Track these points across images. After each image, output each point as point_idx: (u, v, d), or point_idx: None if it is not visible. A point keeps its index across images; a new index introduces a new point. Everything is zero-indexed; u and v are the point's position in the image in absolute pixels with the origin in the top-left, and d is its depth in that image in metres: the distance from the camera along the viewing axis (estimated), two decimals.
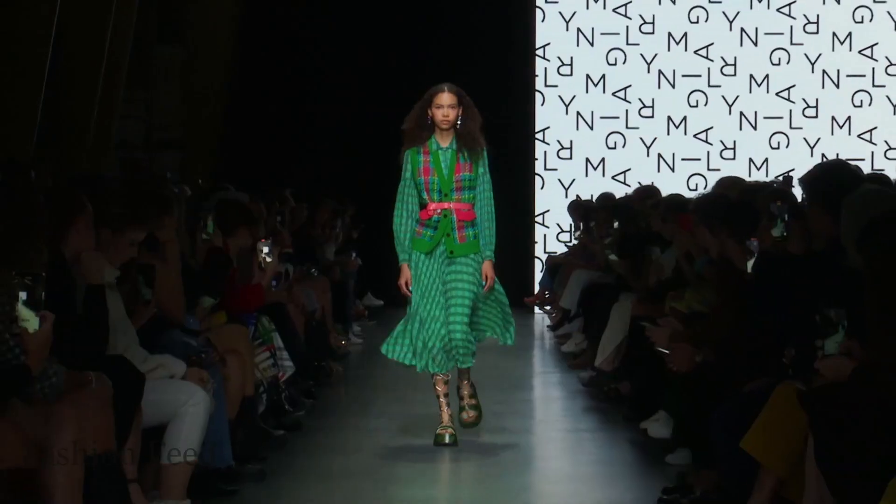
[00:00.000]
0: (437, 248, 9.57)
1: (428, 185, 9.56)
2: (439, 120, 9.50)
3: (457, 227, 9.56)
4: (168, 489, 7.24)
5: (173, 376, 7.58)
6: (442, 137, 9.57)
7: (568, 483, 9.24)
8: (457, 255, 9.55)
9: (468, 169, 9.57)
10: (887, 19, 19.39)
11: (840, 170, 7.23)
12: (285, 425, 10.19)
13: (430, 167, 9.57)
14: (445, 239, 9.56)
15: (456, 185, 9.57)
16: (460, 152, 9.57)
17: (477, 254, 9.60)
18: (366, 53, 18.84)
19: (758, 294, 7.73)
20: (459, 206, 9.58)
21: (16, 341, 5.74)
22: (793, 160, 18.90)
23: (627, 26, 19.47)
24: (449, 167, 9.56)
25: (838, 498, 5.84)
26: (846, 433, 5.66)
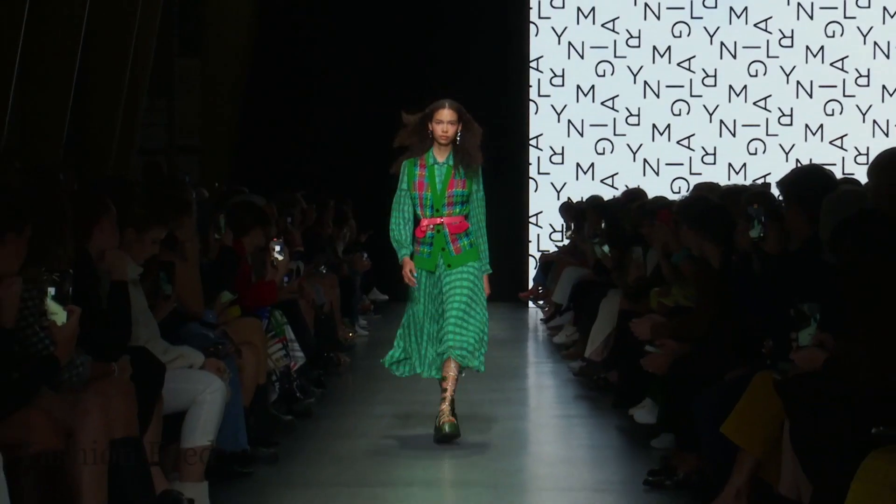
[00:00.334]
0: (436, 265, 9.33)
1: (422, 200, 9.32)
2: (439, 135, 9.22)
3: (450, 241, 9.31)
4: (187, 471, 7.23)
5: (192, 366, 7.58)
6: (439, 152, 9.31)
7: (560, 466, 9.23)
8: (454, 266, 9.30)
9: (461, 185, 9.31)
10: (857, 34, 19.37)
11: (816, 173, 7.23)
12: (296, 412, 10.18)
13: (424, 182, 9.31)
14: (442, 253, 9.32)
15: (448, 200, 9.31)
16: (456, 168, 9.29)
17: (474, 263, 9.37)
18: (371, 66, 18.82)
19: (737, 291, 7.73)
20: (451, 220, 9.32)
21: (45, 333, 5.75)
22: (769, 165, 18.95)
23: (615, 40, 19.45)
24: (443, 182, 9.29)
25: (812, 479, 5.83)
26: (819, 419, 5.65)
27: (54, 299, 5.74)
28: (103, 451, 5.79)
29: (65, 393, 5.85)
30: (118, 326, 6.87)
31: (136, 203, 7.55)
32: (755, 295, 7.37)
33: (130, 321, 7.08)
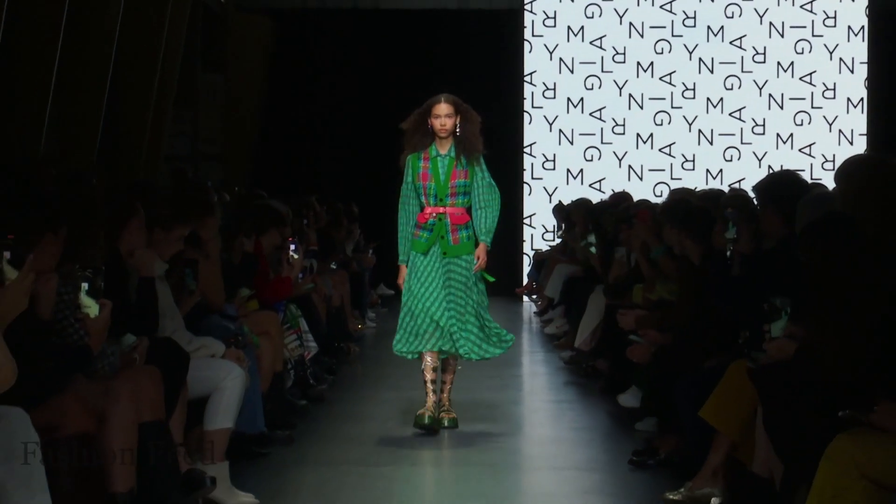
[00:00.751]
0: (431, 248, 9.03)
1: (426, 189, 9.02)
2: (437, 129, 8.95)
3: (450, 230, 9.02)
4: (209, 452, 7.22)
5: (214, 355, 7.57)
6: (441, 145, 9.02)
7: (552, 446, 9.22)
8: (450, 255, 9.02)
9: (463, 176, 9.02)
10: (824, 51, 19.38)
11: (791, 178, 7.23)
12: (310, 397, 10.18)
13: (428, 173, 9.02)
14: (440, 241, 9.02)
15: (451, 190, 9.02)
16: (458, 159, 9.01)
17: (470, 254, 9.06)
18: (377, 80, 18.82)
19: (714, 286, 7.73)
20: (453, 210, 9.04)
21: (79, 325, 5.74)
22: (743, 171, 18.97)
23: (602, 56, 19.45)
24: (446, 173, 9.01)
25: (783, 459, 5.82)
26: (790, 404, 5.64)
27: (88, 294, 5.74)
28: (132, 434, 5.78)
29: (97, 380, 5.84)
30: (146, 319, 6.86)
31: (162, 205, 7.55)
32: (731, 290, 7.37)
33: (157, 314, 7.07)
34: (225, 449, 7.28)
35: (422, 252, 9.02)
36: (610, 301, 10.85)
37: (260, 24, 18.16)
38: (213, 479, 6.99)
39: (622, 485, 7.79)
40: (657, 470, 7.90)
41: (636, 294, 10.03)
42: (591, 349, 11.70)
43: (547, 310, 15.65)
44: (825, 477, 4.88)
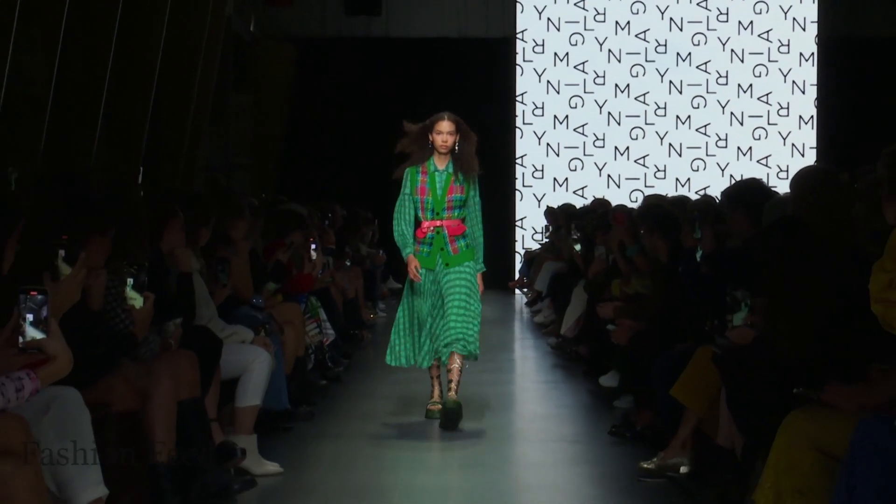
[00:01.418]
0: (435, 263, 8.47)
1: (423, 203, 8.44)
2: (439, 144, 8.40)
3: (449, 241, 8.45)
4: (240, 426, 7.22)
5: (244, 341, 7.57)
6: (440, 160, 8.46)
7: (540, 421, 9.21)
8: (452, 265, 8.44)
9: (460, 191, 8.45)
10: (779, 74, 19.39)
11: (757, 185, 7.24)
12: (328, 378, 10.19)
13: (426, 187, 8.44)
14: (441, 253, 8.46)
15: (447, 204, 8.45)
16: (455, 175, 8.44)
17: (471, 262, 8.51)
18: (386, 99, 18.81)
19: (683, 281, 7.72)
20: (450, 223, 8.46)
21: (126, 315, 5.74)
22: (708, 180, 19.02)
23: (584, 79, 19.47)
24: (443, 188, 8.43)
25: (743, 433, 5.82)
26: (749, 384, 5.64)
27: (133, 288, 5.74)
28: (172, 410, 5.78)
29: (141, 363, 5.85)
30: (184, 309, 6.86)
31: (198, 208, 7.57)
32: (698, 284, 7.37)
33: (195, 305, 7.07)
34: (253, 423, 7.28)
35: (429, 268, 8.49)
36: (590, 294, 10.87)
37: (284, 51, 18.15)
38: (243, 451, 6.99)
39: (602, 454, 7.78)
40: (633, 442, 7.89)
41: (614, 287, 10.03)
42: (574, 336, 11.71)
43: (536, 301, 15.65)
44: (780, 448, 4.87)
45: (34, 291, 4.13)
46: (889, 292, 4.51)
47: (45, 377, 4.14)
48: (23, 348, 4.11)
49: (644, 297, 8.97)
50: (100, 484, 4.61)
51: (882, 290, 4.53)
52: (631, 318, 8.72)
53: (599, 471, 7.40)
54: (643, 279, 9.29)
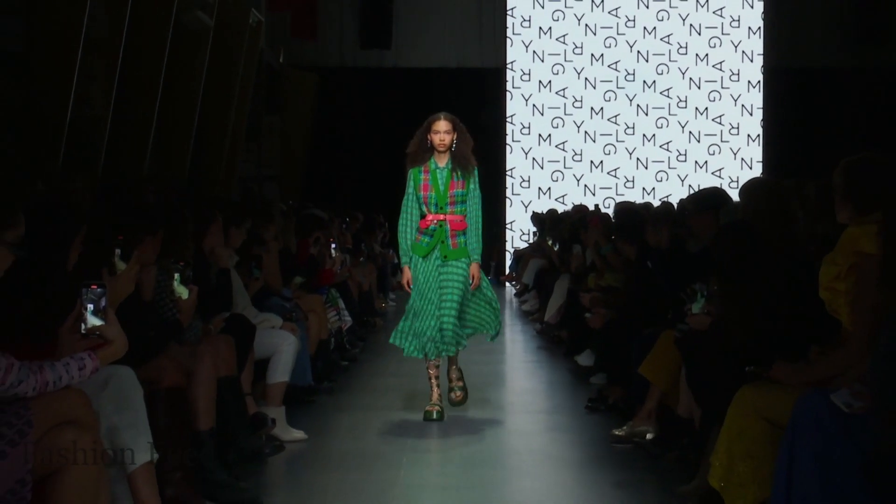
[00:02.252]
0: (432, 253, 7.76)
1: (427, 199, 7.76)
2: (437, 143, 7.73)
3: (450, 236, 7.74)
4: (270, 399, 7.22)
5: (274, 327, 7.56)
6: (439, 158, 7.77)
7: (526, 395, 9.21)
8: (450, 259, 7.74)
9: (460, 186, 7.74)
10: (730, 99, 19.41)
11: (718, 192, 7.23)
12: (346, 358, 10.18)
13: (429, 184, 7.76)
14: (440, 245, 7.74)
15: (450, 199, 7.75)
16: (455, 171, 7.76)
17: (467, 258, 7.80)
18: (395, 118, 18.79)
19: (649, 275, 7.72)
20: (452, 217, 7.75)
21: (173, 305, 5.73)
22: (670, 189, 19.01)
23: (565, 103, 19.47)
24: (444, 184, 7.74)
25: (701, 405, 5.81)
26: (706, 363, 5.63)
27: (179, 281, 5.73)
28: (212, 386, 5.77)
29: (186, 346, 5.83)
30: (223, 300, 6.86)
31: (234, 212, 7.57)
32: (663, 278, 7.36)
33: (231, 296, 7.07)
34: (282, 397, 7.27)
35: (421, 256, 7.78)
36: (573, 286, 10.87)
37: (308, 79, 18.14)
38: (273, 420, 6.98)
39: (580, 423, 7.76)
40: (606, 412, 7.88)
41: (590, 280, 10.04)
42: (556, 322, 11.72)
43: (524, 293, 15.65)
44: (732, 418, 4.86)
45: (94, 285, 4.13)
46: (836, 282, 4.55)
47: (103, 358, 4.14)
48: (85, 334, 4.12)
49: (616, 289, 8.96)
50: (151, 449, 4.60)
51: (831, 280, 4.58)
52: (604, 307, 8.72)
53: (577, 437, 7.38)
54: (615, 274, 9.30)
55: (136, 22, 8.95)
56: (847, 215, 4.63)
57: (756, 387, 4.85)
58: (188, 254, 6.17)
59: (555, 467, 6.66)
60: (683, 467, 6.09)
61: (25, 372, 3.88)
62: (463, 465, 6.66)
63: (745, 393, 4.85)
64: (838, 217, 4.70)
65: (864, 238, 4.46)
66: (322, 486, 6.13)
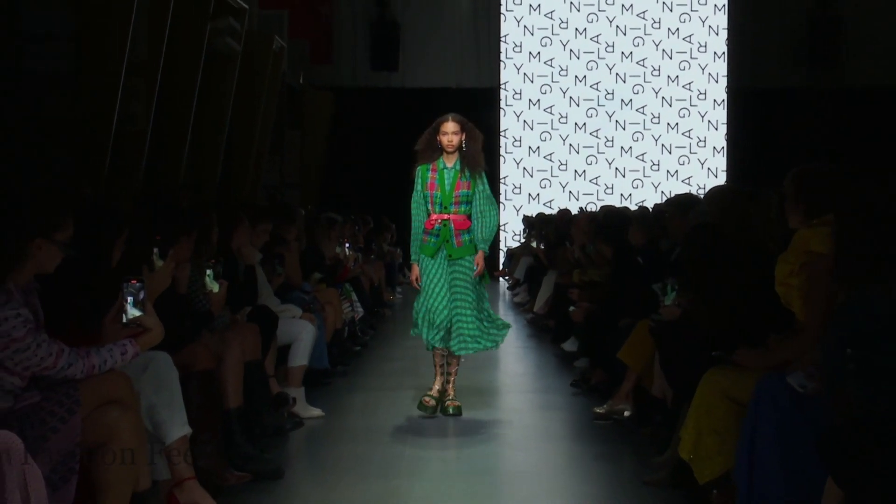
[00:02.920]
0: (439, 252, 7.14)
1: (432, 198, 7.13)
2: (445, 144, 7.14)
3: (454, 235, 7.10)
4: (291, 381, 7.21)
5: (294, 316, 7.55)
6: (448, 158, 7.16)
7: (518, 377, 9.20)
8: (455, 257, 7.12)
9: (466, 186, 7.11)
10: (698, 116, 19.37)
11: (693, 198, 7.24)
12: (359, 344, 10.17)
13: (435, 183, 7.13)
14: (445, 244, 7.12)
15: (455, 199, 7.10)
16: (462, 172, 7.12)
17: (472, 255, 7.16)
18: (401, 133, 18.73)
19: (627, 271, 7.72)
20: (457, 217, 7.11)
21: (205, 298, 5.72)
22: (645, 195, 18.99)
23: (552, 119, 19.43)
24: (451, 184, 7.11)
25: (672, 386, 5.79)
26: (677, 349, 5.62)
27: (210, 277, 5.72)
28: (240, 369, 5.76)
29: (216, 333, 5.82)
30: (249, 293, 6.85)
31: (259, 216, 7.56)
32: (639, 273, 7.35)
33: (257, 289, 7.06)
34: (301, 378, 7.27)
35: (430, 255, 7.20)
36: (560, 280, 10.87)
37: (325, 98, 18.12)
38: (293, 399, 6.98)
39: (565, 402, 7.76)
40: (589, 393, 7.87)
41: (575, 275, 10.03)
42: (544, 313, 11.71)
43: (515, 287, 15.63)
44: (700, 398, 4.86)
45: (134, 280, 4.13)
46: (790, 279, 4.55)
47: (142, 344, 4.14)
48: (126, 323, 4.13)
49: (597, 283, 8.95)
50: (185, 425, 4.59)
51: (785, 277, 4.57)
52: (587, 300, 8.73)
53: (563, 415, 7.37)
54: (597, 270, 9.29)
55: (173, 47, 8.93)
56: (798, 219, 4.64)
57: (721, 370, 4.84)
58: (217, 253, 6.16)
59: (543, 441, 6.65)
60: (657, 441, 6.08)
61: (74, 357, 3.88)
62: (461, 439, 6.64)
63: (712, 375, 4.84)
64: (790, 222, 4.71)
65: (814, 239, 4.46)
66: (337, 457, 6.12)
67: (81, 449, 3.74)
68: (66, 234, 3.90)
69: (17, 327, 3.69)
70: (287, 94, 15.82)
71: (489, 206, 7.19)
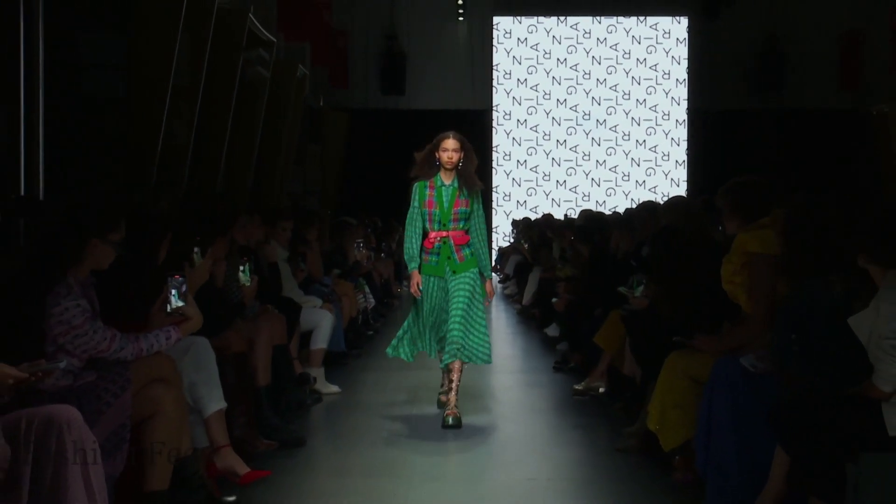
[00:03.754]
0: (444, 271, 6.22)
1: (431, 216, 6.26)
2: (445, 161, 6.31)
3: (455, 251, 6.20)
4: (312, 362, 7.20)
5: (315, 307, 7.54)
6: (446, 176, 6.32)
7: (508, 358, 9.17)
8: (459, 272, 6.17)
9: (465, 204, 6.27)
10: (662, 134, 19.34)
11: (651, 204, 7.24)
12: (371, 330, 10.16)
13: (433, 200, 6.30)
14: (448, 261, 6.20)
15: (453, 217, 6.25)
16: (460, 190, 6.29)
17: (475, 269, 6.24)
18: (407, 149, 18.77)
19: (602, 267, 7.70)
20: (455, 233, 6.23)
21: (238, 290, 5.70)
22: (617, 202, 18.94)
23: (537, 137, 19.40)
24: (449, 201, 6.28)
25: (641, 367, 5.79)
26: (645, 334, 5.61)
27: (243, 272, 5.70)
28: (269, 352, 5.76)
29: (248, 321, 5.81)
30: (275, 286, 6.83)
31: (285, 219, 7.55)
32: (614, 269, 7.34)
33: (281, 283, 7.04)
34: (321, 360, 7.26)
35: (438, 275, 6.24)
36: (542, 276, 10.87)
37: (341, 117, 18.10)
38: (314, 378, 6.97)
39: (548, 380, 7.75)
40: (569, 372, 7.87)
41: (558, 270, 10.03)
42: (530, 304, 11.70)
43: (506, 281, 15.62)
44: (665, 377, 4.85)
45: (177, 275, 4.13)
46: (734, 277, 4.56)
47: (184, 331, 4.13)
48: (170, 313, 4.11)
49: (576, 278, 8.94)
50: (221, 400, 4.58)
51: (729, 276, 4.57)
52: (568, 293, 8.72)
53: (547, 391, 7.37)
54: (572, 269, 9.29)
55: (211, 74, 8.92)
56: (735, 226, 4.64)
57: (682, 353, 4.84)
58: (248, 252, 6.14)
59: (530, 414, 6.64)
60: (627, 414, 6.07)
61: (125, 341, 3.87)
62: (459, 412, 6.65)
63: (674, 357, 4.83)
64: (727, 229, 4.74)
65: (751, 241, 4.46)
66: (352, 427, 6.11)
67: (132, 421, 3.73)
68: (119, 236, 3.91)
69: (76, 316, 3.71)
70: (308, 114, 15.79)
71: (483, 231, 6.33)
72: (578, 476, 5.10)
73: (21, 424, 3.13)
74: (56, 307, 3.70)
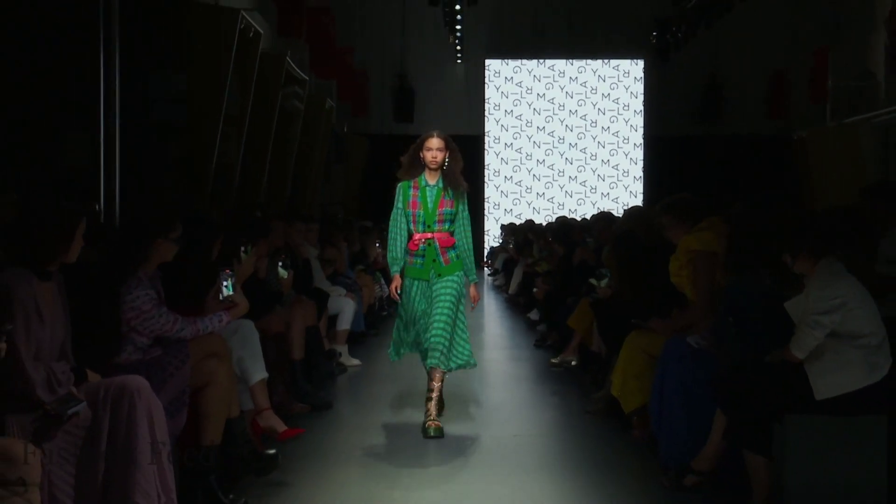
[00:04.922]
0: (429, 275, 5.06)
1: (415, 217, 5.09)
2: (429, 161, 5.13)
3: (440, 253, 5.03)
4: (338, 340, 7.19)
5: (340, 295, 7.52)
6: (430, 176, 5.15)
7: (496, 337, 9.15)
8: (444, 275, 5.02)
9: (450, 205, 5.09)
10: (623, 155, 19.33)
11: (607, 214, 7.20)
12: (386, 312, 10.13)
13: (417, 201, 5.11)
14: (433, 264, 5.03)
15: (438, 217, 5.07)
16: (445, 190, 5.10)
17: (460, 272, 5.09)
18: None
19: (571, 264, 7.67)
20: (440, 235, 5.06)
21: (277, 282, 5.69)
22: (586, 210, 18.85)
23: (520, 157, 19.37)
24: (434, 202, 5.09)
25: (606, 344, 5.78)
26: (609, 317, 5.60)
27: (282, 267, 5.69)
28: (302, 332, 5.74)
29: (285, 307, 5.79)
30: (306, 279, 6.82)
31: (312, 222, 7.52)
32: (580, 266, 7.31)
33: (312, 276, 7.02)
34: (346, 338, 7.25)
35: (416, 277, 5.09)
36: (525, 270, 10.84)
37: (362, 141, 18.07)
38: (339, 353, 6.95)
39: (530, 355, 7.73)
40: (547, 349, 7.85)
41: (537, 265, 10.00)
42: (515, 293, 11.67)
43: (495, 274, 15.59)
44: (625, 352, 4.85)
45: (227, 270, 4.13)
46: (681, 271, 4.61)
47: (233, 315, 4.12)
48: (221, 300, 4.11)
49: (552, 273, 8.92)
50: (263, 371, 4.57)
51: (675, 272, 4.60)
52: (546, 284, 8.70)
53: (529, 364, 7.35)
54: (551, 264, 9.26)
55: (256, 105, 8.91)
56: (679, 234, 4.64)
57: (640, 333, 4.83)
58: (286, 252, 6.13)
59: (515, 383, 6.63)
60: (595, 383, 6.06)
61: (185, 323, 3.87)
62: (456, 380, 6.61)
63: (633, 337, 4.83)
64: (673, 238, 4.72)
65: (694, 241, 4.48)
66: (371, 392, 6.11)
67: (190, 389, 3.73)
68: (177, 234, 3.94)
69: (145, 303, 3.74)
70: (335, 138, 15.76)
71: (468, 231, 5.17)
72: (556, 433, 5.11)
73: (100, 391, 3.17)
74: (129, 296, 3.73)
